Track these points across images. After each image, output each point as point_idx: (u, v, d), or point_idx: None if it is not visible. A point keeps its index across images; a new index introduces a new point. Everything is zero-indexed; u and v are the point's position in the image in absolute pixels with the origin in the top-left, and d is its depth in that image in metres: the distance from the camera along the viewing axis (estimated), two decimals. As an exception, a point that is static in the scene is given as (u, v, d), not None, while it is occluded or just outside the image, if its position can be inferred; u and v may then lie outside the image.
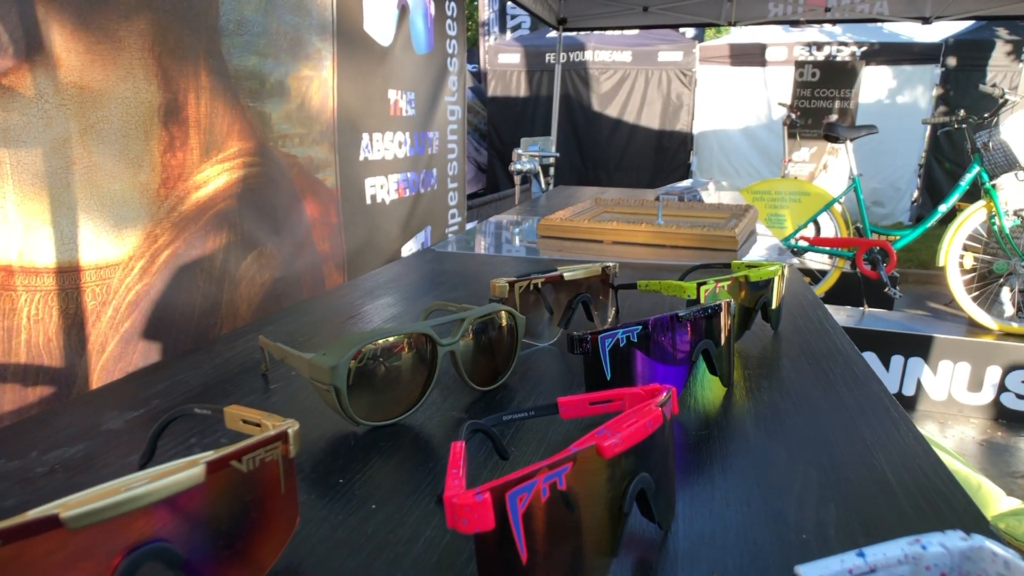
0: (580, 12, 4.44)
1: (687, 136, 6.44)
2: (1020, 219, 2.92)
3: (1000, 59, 5.65)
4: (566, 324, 0.58)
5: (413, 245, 2.79)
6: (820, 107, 5.21)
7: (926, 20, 3.95)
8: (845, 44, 5.89)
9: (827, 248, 3.28)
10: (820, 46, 5.93)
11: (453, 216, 3.21)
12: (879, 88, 5.93)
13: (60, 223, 1.27)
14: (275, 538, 0.29)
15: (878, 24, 5.33)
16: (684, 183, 1.84)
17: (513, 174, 3.13)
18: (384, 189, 2.54)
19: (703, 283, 0.56)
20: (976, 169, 2.98)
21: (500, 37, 8.14)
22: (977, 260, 3.06)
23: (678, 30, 6.61)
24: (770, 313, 0.61)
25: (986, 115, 2.99)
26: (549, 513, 0.25)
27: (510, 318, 0.49)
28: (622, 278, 0.84)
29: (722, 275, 0.58)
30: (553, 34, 4.84)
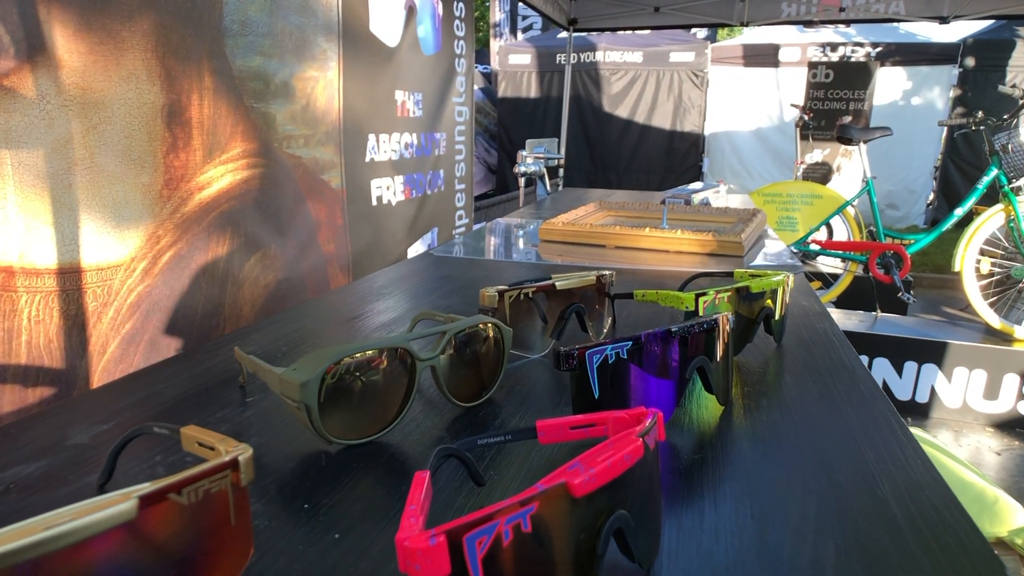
0: (591, 13, 4.41)
1: (698, 137, 6.39)
2: (1039, 223, 2.86)
3: (1020, 59, 5.55)
4: (558, 335, 0.56)
5: (420, 246, 2.78)
6: (833, 108, 5.15)
7: (944, 20, 3.88)
8: (860, 45, 5.81)
9: (839, 252, 3.23)
10: (834, 47, 5.86)
11: (460, 217, 3.20)
12: (894, 89, 5.85)
13: (61, 224, 1.26)
14: (223, 575, 0.27)
15: (894, 24, 5.25)
16: (693, 185, 1.82)
17: (517, 176, 3.11)
18: (390, 190, 2.52)
19: (702, 294, 0.54)
20: (994, 172, 2.92)
21: (512, 38, 8.12)
22: (995, 265, 3.00)
23: (690, 31, 6.56)
24: (773, 325, 0.58)
25: (1005, 117, 2.93)
26: (513, 558, 0.22)
27: (496, 330, 0.46)
28: (623, 284, 0.82)
29: (724, 285, 0.56)
30: (564, 35, 4.81)
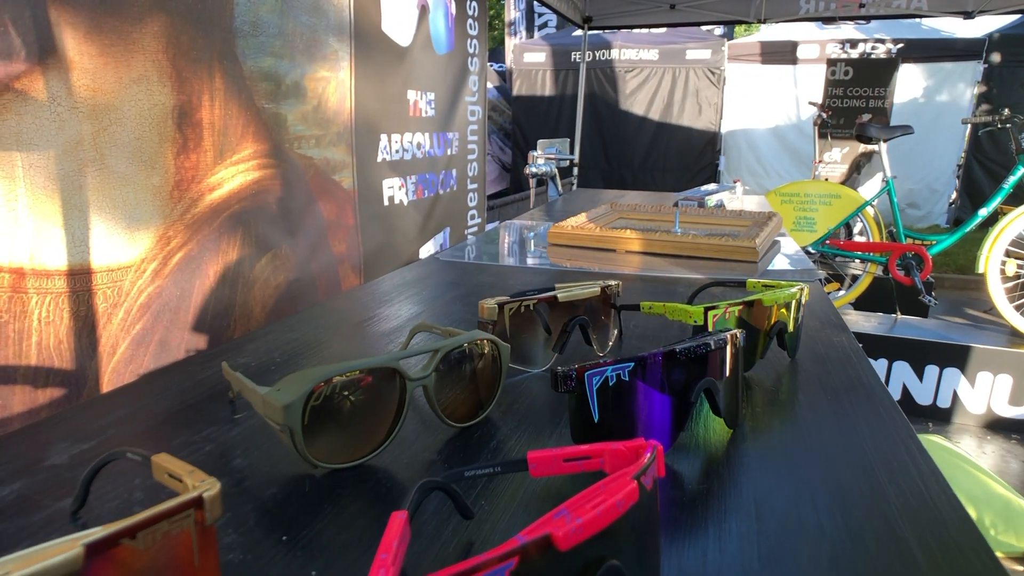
0: (606, 10, 4.37)
1: (715, 136, 6.32)
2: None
3: (1048, 55, 5.41)
4: (561, 349, 0.54)
5: (432, 246, 2.77)
6: (853, 106, 5.05)
7: (968, 15, 3.79)
8: (881, 41, 5.70)
9: (858, 253, 3.16)
10: (854, 43, 5.75)
11: (472, 217, 3.18)
12: (916, 86, 5.74)
13: (72, 225, 1.26)
14: (185, 621, 0.25)
15: (916, 20, 5.15)
16: (707, 186, 1.78)
17: (528, 177, 3.08)
18: (403, 190, 2.51)
19: (712, 307, 0.52)
20: (1021, 171, 2.84)
21: (527, 36, 8.09)
22: (1021, 267, 2.92)
23: (706, 28, 6.49)
24: (787, 339, 0.55)
25: (1033, 114, 2.86)
26: (489, 617, 0.20)
27: (492, 347, 0.44)
28: (633, 291, 0.79)
29: (735, 296, 0.53)
30: (579, 33, 4.78)
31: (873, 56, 5.68)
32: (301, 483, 0.37)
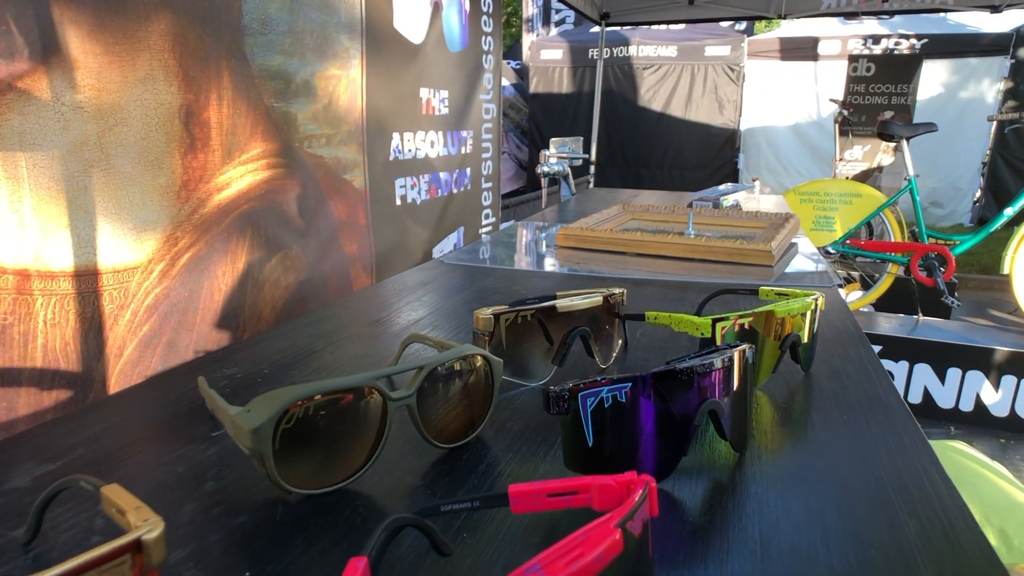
0: (624, 7, 4.31)
1: (734, 133, 6.23)
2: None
3: (1078, 50, 5.26)
4: (561, 362, 0.51)
5: (445, 246, 2.75)
6: (875, 103, 4.94)
7: (995, 8, 3.68)
8: (904, 37, 5.58)
9: (879, 253, 3.09)
10: (877, 39, 5.63)
11: (487, 216, 3.15)
12: (940, 83, 5.60)
13: (77, 226, 1.26)
14: (121, 678, 0.22)
15: (941, 14, 5.03)
16: (724, 186, 1.74)
17: (540, 176, 3.04)
18: (415, 189, 2.49)
19: (721, 319, 0.48)
20: (1049, 170, 2.76)
21: (544, 33, 8.05)
22: (1048, 268, 2.83)
23: (725, 23, 6.40)
24: (800, 352, 0.52)
25: (1062, 111, 2.77)
26: None
27: (483, 363, 0.42)
28: (643, 296, 0.76)
29: (746, 306, 0.50)
30: (596, 29, 4.73)
31: (896, 52, 5.55)
32: (272, 510, 0.35)
